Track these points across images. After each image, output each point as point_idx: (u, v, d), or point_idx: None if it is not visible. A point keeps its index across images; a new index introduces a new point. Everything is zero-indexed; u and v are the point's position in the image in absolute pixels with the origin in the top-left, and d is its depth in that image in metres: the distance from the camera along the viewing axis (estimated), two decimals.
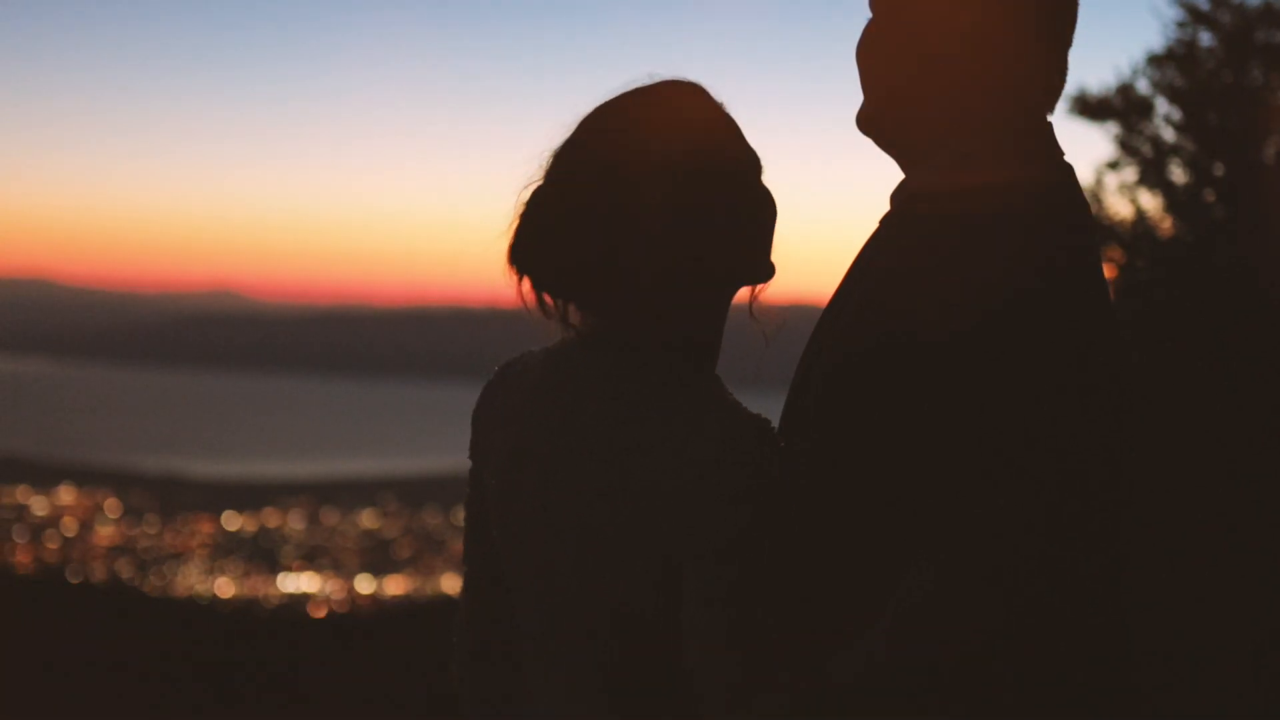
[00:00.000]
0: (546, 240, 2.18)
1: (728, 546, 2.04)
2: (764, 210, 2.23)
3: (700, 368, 2.20)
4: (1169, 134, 8.19)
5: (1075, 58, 2.25)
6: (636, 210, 2.14)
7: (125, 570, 62.82)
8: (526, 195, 2.21)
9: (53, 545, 66.98)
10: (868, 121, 2.28)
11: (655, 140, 2.15)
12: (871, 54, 2.26)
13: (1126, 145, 8.29)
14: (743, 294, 2.26)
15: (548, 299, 2.20)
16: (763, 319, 2.27)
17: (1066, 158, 2.22)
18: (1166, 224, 8.25)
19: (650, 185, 2.14)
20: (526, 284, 2.21)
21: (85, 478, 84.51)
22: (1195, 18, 8.11)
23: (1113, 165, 8.33)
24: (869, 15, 2.28)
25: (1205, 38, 8.14)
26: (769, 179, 2.25)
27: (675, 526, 2.06)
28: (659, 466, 2.08)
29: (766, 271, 2.24)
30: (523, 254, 2.20)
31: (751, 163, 2.22)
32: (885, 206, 2.31)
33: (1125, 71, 8.37)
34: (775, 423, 2.17)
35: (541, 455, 2.19)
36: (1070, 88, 8.38)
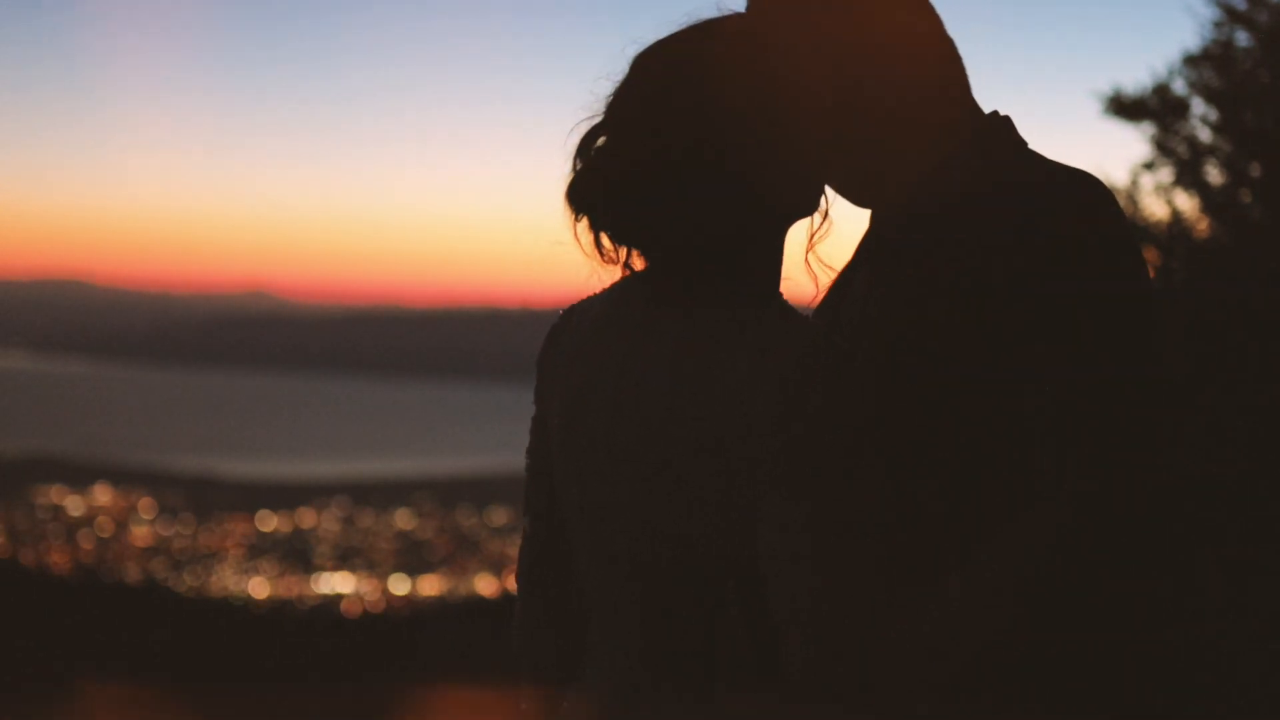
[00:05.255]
0: (608, 182, 2.15)
1: (806, 467, 1.98)
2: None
3: (766, 293, 2.16)
4: (1205, 134, 8.15)
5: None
6: (702, 150, 2.10)
7: (160, 570, 63.03)
8: (585, 131, 2.19)
9: (88, 545, 67.25)
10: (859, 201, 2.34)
11: (720, 77, 2.12)
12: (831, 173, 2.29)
13: (1162, 146, 8.25)
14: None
15: (606, 240, 2.18)
16: (818, 265, 2.25)
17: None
18: (1203, 225, 8.21)
19: (717, 123, 2.10)
20: (584, 224, 2.18)
21: (120, 478, 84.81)
22: (1232, 17, 8.07)
23: (1148, 166, 8.30)
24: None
25: (1242, 37, 8.10)
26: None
27: (750, 448, 2.01)
28: (732, 385, 2.03)
29: (817, 202, 2.22)
30: (582, 194, 2.17)
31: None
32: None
33: (1161, 72, 8.33)
34: None
35: (606, 390, 2.14)
36: (1105, 88, 8.39)
